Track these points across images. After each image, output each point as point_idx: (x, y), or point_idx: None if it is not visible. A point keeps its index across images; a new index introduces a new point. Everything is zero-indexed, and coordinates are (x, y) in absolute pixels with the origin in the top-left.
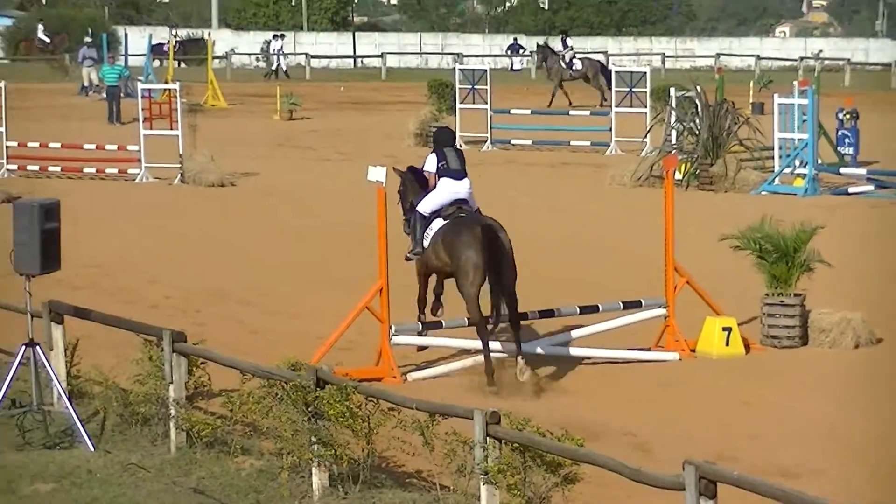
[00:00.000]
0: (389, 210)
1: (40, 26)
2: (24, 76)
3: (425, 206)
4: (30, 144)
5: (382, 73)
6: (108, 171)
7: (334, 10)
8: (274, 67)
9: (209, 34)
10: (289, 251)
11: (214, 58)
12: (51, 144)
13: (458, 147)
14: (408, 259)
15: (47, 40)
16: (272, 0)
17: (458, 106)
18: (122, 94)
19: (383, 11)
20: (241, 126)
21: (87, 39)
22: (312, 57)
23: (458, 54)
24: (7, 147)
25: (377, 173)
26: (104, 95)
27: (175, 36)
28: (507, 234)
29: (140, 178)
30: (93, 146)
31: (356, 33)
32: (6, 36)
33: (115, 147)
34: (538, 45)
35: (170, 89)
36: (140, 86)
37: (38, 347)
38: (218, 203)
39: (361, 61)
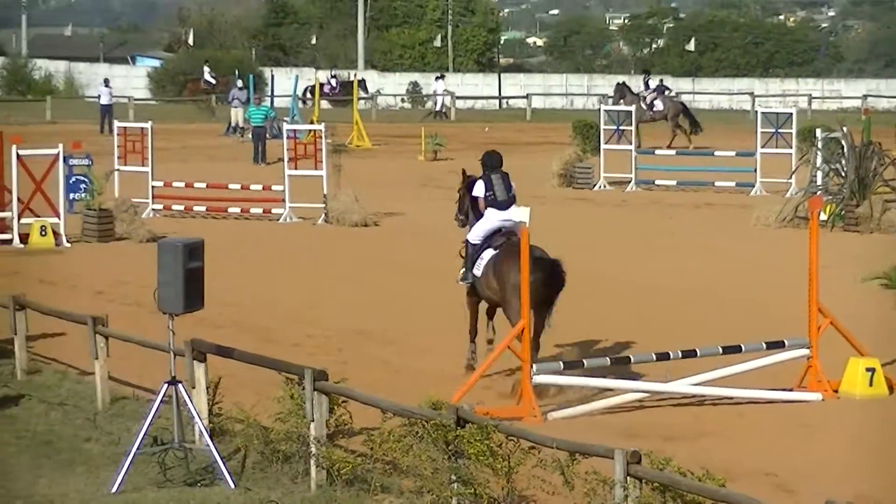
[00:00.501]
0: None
1: (206, 68)
2: (170, 116)
3: (474, 235)
4: (175, 184)
5: (527, 113)
6: (252, 210)
7: (480, 51)
8: (438, 108)
9: (355, 75)
10: (431, 291)
11: (360, 98)
12: (196, 184)
13: (505, 171)
14: (462, 283)
15: (213, 82)
16: (418, 42)
17: (603, 146)
18: (267, 135)
19: (529, 53)
20: (385, 166)
21: (239, 82)
22: (458, 98)
23: (603, 95)
24: (153, 187)
25: (521, 214)
26: (250, 136)
27: (334, 77)
28: (561, 266)
29: (284, 218)
30: (237, 186)
31: (502, 74)
32: (154, 77)
33: (259, 187)
34: (617, 84)
35: (315, 130)
36: (285, 126)
37: (180, 385)
38: (361, 243)
39: (507, 102)
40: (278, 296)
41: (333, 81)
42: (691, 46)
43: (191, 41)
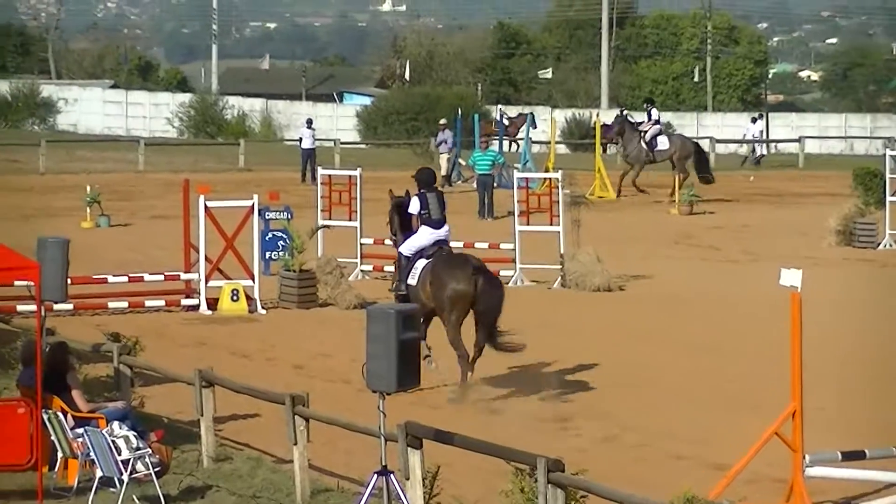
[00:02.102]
0: (807, 319)
1: (499, 107)
2: (382, 162)
3: (407, 248)
4: (387, 242)
5: (799, 159)
6: None
7: (745, 87)
8: (757, 155)
9: (597, 115)
10: (685, 367)
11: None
12: None
13: (440, 190)
14: (394, 293)
15: (506, 123)
16: (672, 76)
17: (888, 199)
18: (495, 184)
19: (802, 89)
20: (632, 221)
21: (442, 121)
22: (718, 141)
23: (889, 138)
24: (361, 245)
25: (791, 277)
26: (474, 185)
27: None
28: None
29: (514, 281)
30: (460, 244)
31: (769, 114)
32: (364, 117)
33: (485, 245)
34: (617, 116)
35: (550, 178)
36: (516, 174)
37: (391, 476)
38: (603, 310)
39: (775, 146)
40: (506, 371)
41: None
42: None
43: (407, 76)
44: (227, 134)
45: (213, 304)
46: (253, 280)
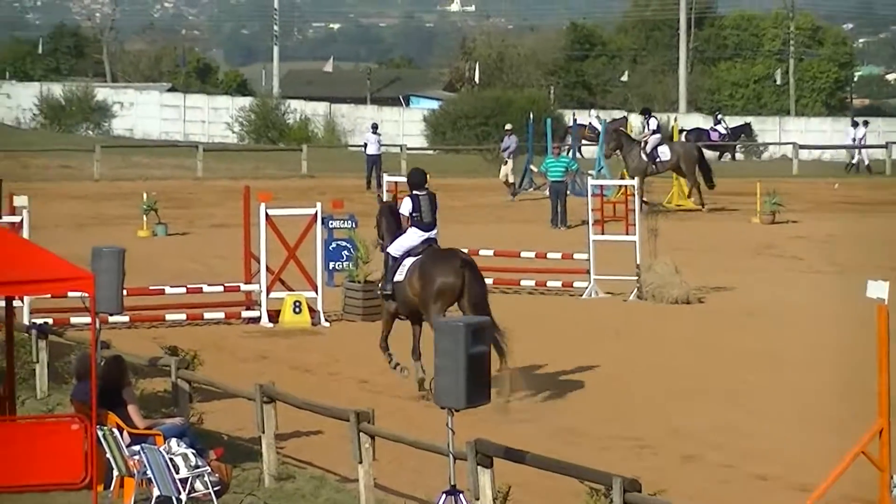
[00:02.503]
0: (894, 332)
1: (594, 111)
2: (450, 169)
3: (395, 248)
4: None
5: (887, 166)
6: (549, 283)
7: (829, 90)
8: (855, 161)
9: (675, 119)
10: (766, 382)
11: (748, 145)
12: (481, 252)
13: (433, 192)
14: (381, 294)
15: (598, 127)
16: (753, 78)
17: None
18: (568, 192)
19: (889, 92)
20: (711, 230)
21: (508, 126)
22: (801, 147)
23: None
24: None
25: (878, 289)
26: (546, 193)
27: (720, 122)
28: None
29: (588, 293)
30: (531, 254)
31: (855, 118)
32: (431, 121)
33: (558, 255)
34: (612, 130)
35: (626, 186)
36: (590, 181)
37: (461, 496)
38: (681, 323)
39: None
40: (581, 387)
41: (721, 127)
42: None
43: (476, 78)
44: (289, 139)
45: (274, 316)
46: (316, 291)
